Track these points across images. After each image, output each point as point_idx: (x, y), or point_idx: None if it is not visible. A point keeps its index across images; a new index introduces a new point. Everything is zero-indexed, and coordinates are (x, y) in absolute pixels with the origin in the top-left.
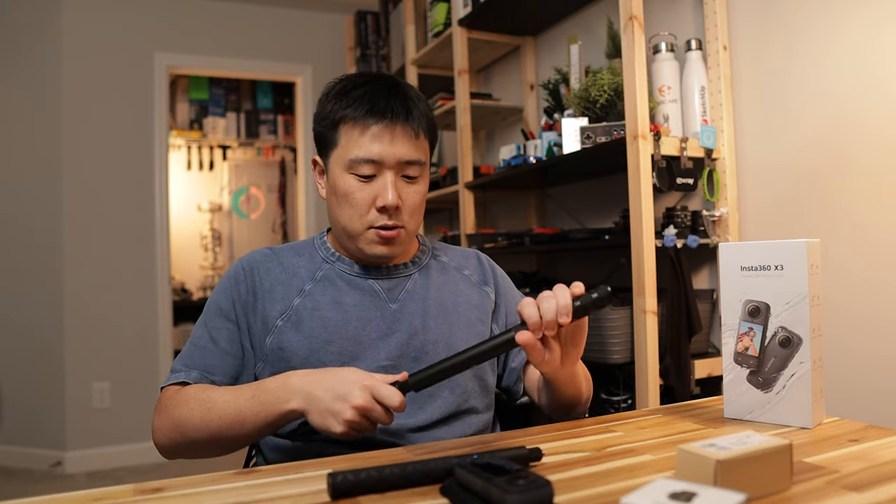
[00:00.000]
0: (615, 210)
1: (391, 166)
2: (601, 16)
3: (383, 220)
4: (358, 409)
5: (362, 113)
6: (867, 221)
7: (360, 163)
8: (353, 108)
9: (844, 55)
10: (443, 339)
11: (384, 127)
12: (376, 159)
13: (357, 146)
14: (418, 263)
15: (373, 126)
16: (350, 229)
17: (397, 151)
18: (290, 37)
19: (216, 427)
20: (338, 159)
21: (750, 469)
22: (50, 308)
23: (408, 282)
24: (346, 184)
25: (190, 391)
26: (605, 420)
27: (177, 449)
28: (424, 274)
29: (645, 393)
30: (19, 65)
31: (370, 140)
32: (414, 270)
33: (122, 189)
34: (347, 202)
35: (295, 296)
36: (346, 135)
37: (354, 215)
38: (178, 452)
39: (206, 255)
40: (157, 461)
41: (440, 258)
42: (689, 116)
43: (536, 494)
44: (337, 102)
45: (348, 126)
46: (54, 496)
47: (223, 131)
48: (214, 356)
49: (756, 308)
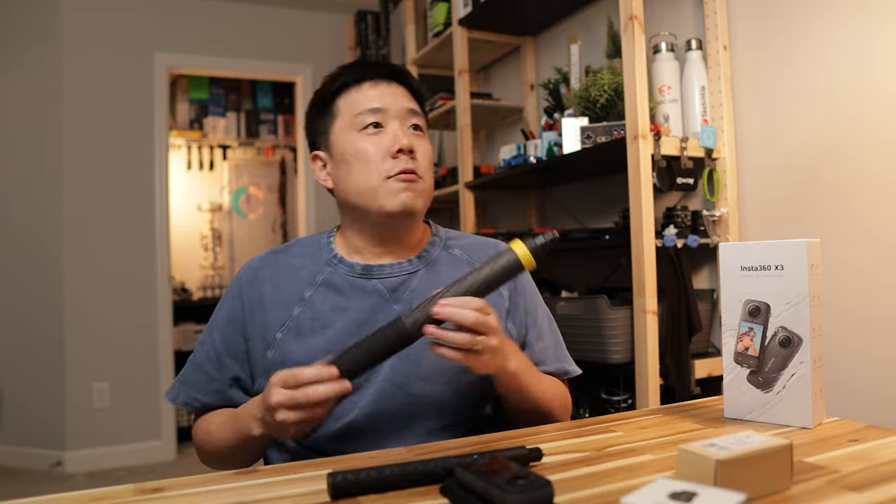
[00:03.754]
0: (615, 210)
1: (396, 114)
2: (601, 16)
3: (401, 166)
4: (278, 405)
5: (356, 75)
6: (867, 221)
7: (366, 113)
8: (345, 75)
9: (844, 55)
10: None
11: (380, 80)
12: (381, 106)
13: (358, 102)
14: (425, 258)
15: (368, 80)
16: (368, 187)
17: (399, 99)
18: (290, 37)
19: (220, 455)
20: (342, 127)
21: (750, 469)
22: (50, 308)
23: (413, 279)
24: (355, 144)
25: (200, 426)
26: (605, 420)
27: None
28: (432, 270)
29: (645, 393)
30: (19, 64)
31: (370, 90)
32: (420, 266)
33: (122, 189)
34: (361, 160)
35: (295, 305)
36: (346, 99)
37: (371, 170)
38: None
39: (206, 255)
40: (157, 461)
41: (452, 250)
42: (690, 116)
43: (536, 494)
44: (330, 80)
45: (345, 92)
46: (54, 496)
47: (223, 131)
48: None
49: (756, 308)
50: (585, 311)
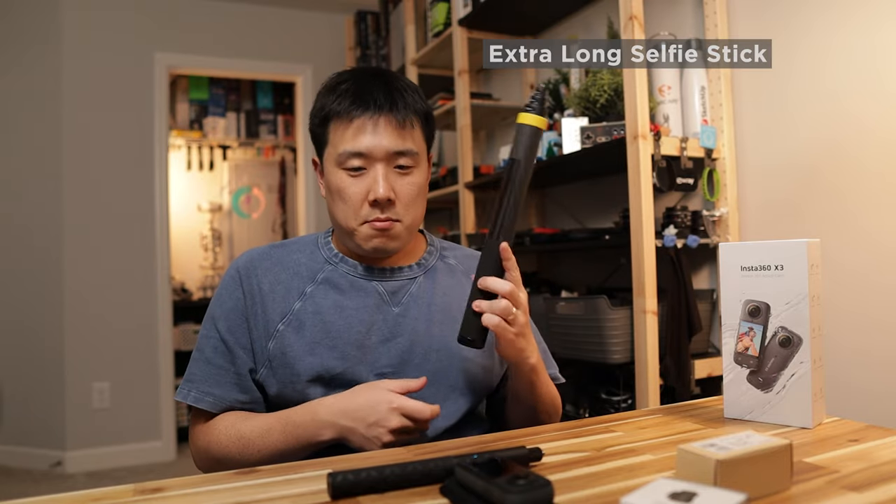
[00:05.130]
0: (615, 210)
1: (380, 158)
2: (601, 16)
3: (376, 214)
4: (394, 430)
5: (346, 106)
6: (868, 221)
7: (348, 156)
8: (337, 102)
9: (844, 55)
10: (446, 348)
11: (368, 118)
12: (363, 152)
13: (343, 140)
14: (424, 265)
15: (356, 119)
16: (346, 226)
17: (384, 142)
18: (290, 37)
19: (256, 461)
20: (329, 157)
21: (750, 469)
22: (50, 308)
23: (412, 285)
24: (338, 180)
25: (220, 428)
26: (605, 420)
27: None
28: (430, 277)
29: (645, 393)
30: (19, 64)
31: (355, 133)
32: (419, 273)
33: (122, 189)
34: (341, 199)
35: (296, 299)
36: (334, 131)
37: (349, 211)
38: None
39: (206, 255)
40: (157, 461)
41: (448, 260)
42: (689, 116)
43: (536, 494)
44: (325, 98)
45: (335, 122)
46: (54, 496)
47: (223, 131)
48: (215, 376)
49: (756, 308)
50: (585, 311)
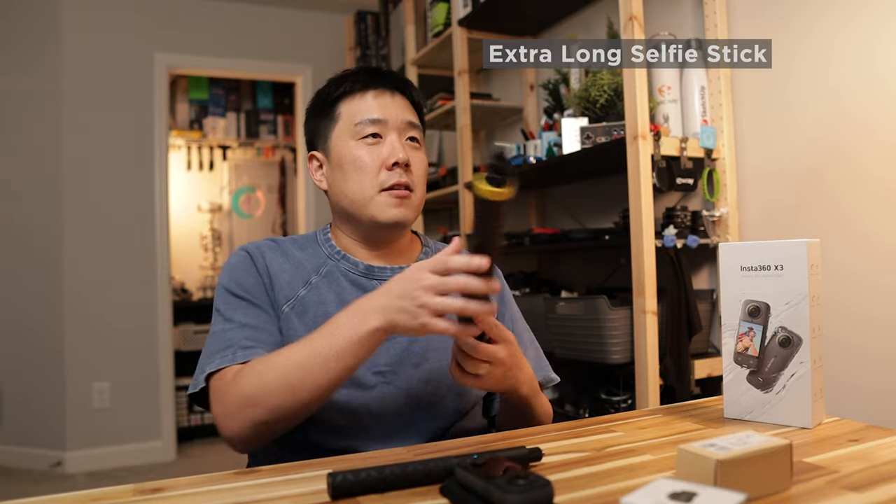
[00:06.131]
0: (615, 210)
1: (395, 126)
2: (601, 16)
3: (395, 179)
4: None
5: (361, 84)
6: (867, 221)
7: (366, 123)
8: (350, 82)
9: (845, 55)
10: (443, 347)
11: (385, 90)
12: (381, 118)
13: (360, 110)
14: None
15: (373, 89)
16: (361, 197)
17: (399, 111)
18: (290, 37)
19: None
20: (341, 132)
21: (750, 469)
22: (50, 308)
23: None
24: (353, 151)
25: (253, 364)
26: (605, 420)
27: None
28: None
29: (645, 393)
30: (19, 64)
31: (372, 100)
32: None
33: (122, 189)
34: (356, 169)
35: (301, 286)
36: (348, 106)
37: (365, 180)
38: (255, 432)
39: (206, 255)
40: (157, 461)
41: None
42: (689, 116)
43: (536, 494)
44: (333, 84)
45: (348, 98)
46: (54, 496)
47: (223, 131)
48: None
49: (756, 308)
50: (585, 312)
